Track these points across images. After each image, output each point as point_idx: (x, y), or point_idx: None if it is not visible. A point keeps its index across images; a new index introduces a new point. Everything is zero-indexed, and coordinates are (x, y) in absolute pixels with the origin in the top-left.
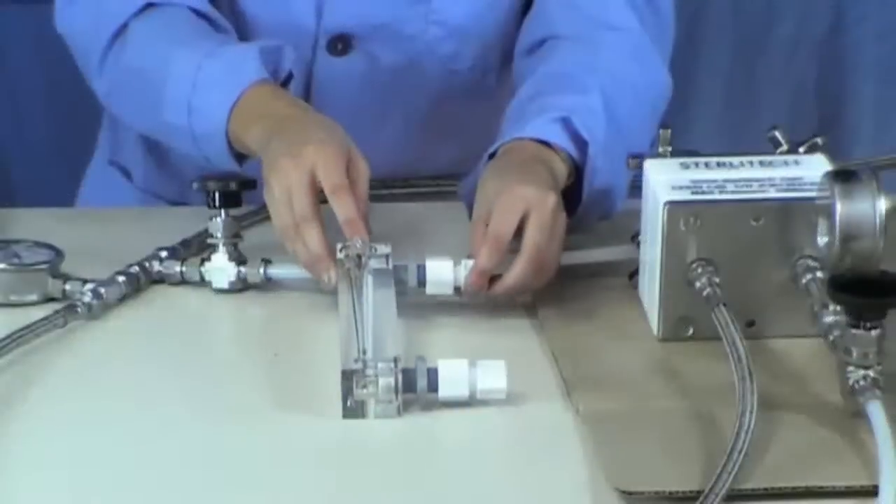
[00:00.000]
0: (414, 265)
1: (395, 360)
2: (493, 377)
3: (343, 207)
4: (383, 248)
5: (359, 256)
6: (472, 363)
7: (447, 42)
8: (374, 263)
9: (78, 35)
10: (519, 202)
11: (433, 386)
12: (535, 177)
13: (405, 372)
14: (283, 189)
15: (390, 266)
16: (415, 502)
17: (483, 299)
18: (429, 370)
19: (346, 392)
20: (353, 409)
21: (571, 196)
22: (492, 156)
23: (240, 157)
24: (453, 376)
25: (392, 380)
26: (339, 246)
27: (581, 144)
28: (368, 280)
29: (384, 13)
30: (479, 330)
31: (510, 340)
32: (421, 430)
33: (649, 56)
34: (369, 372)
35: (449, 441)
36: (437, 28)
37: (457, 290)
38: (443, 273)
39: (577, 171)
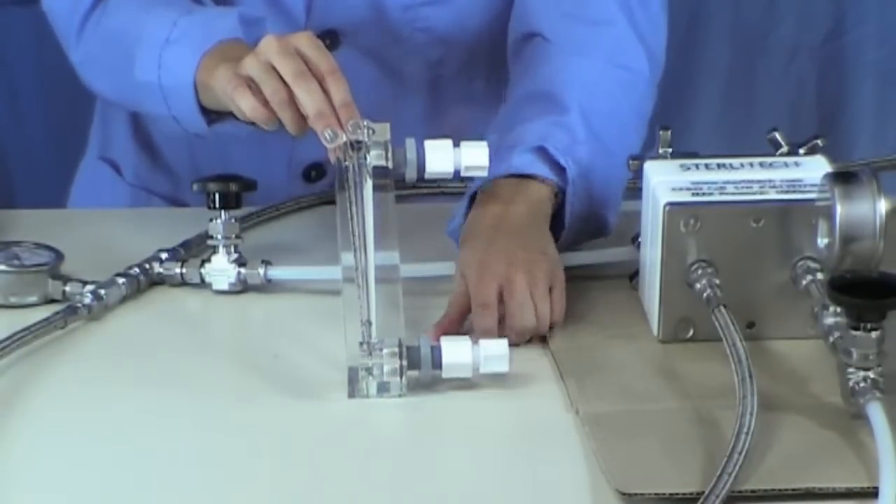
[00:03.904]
0: (413, 150)
1: (400, 343)
2: (495, 353)
3: (341, 90)
4: (381, 129)
5: (359, 142)
6: (474, 341)
7: (433, 48)
8: (372, 157)
9: (59, 9)
10: (491, 281)
11: (437, 363)
12: (504, 246)
13: (409, 350)
14: (263, 59)
15: (390, 155)
16: (415, 490)
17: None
18: (432, 348)
19: (352, 378)
20: (358, 391)
21: (561, 214)
22: (472, 196)
23: (209, 117)
24: (456, 353)
25: (396, 364)
26: (328, 132)
27: (561, 169)
28: (368, 184)
29: (370, 9)
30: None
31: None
32: (422, 418)
33: (630, 50)
34: (373, 360)
35: (448, 448)
36: (423, 35)
37: (456, 174)
38: (444, 153)
39: (563, 190)
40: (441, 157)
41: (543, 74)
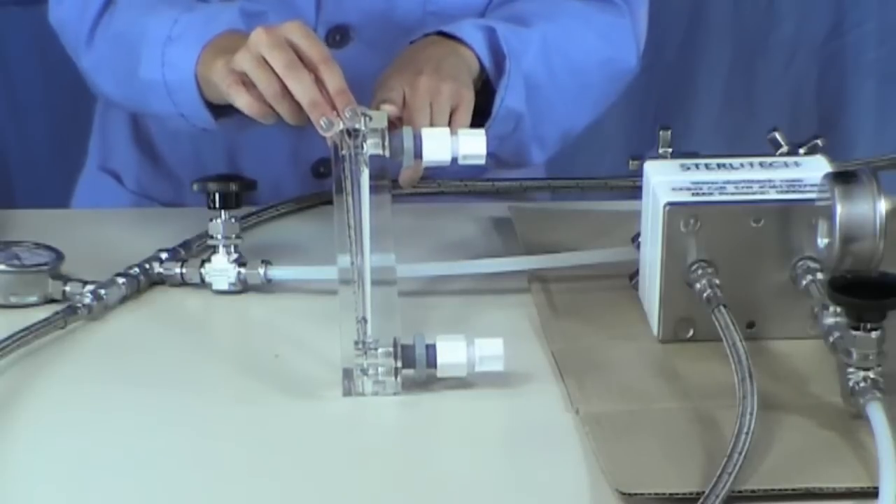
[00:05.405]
0: (410, 138)
1: (395, 341)
2: (490, 353)
3: (335, 78)
4: (377, 116)
5: (356, 130)
6: (469, 340)
7: None
8: (369, 146)
9: (68, 17)
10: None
11: (432, 362)
12: (419, 60)
13: (404, 349)
14: (254, 53)
15: (387, 143)
16: (411, 489)
17: None
18: (427, 346)
19: (346, 376)
20: (353, 389)
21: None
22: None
23: (215, 111)
24: (451, 352)
25: (392, 363)
26: (323, 120)
27: (500, 59)
28: (364, 173)
29: (382, 3)
30: (476, 330)
31: (509, 342)
32: (418, 416)
33: (617, 33)
34: (368, 360)
35: (445, 448)
36: (434, 18)
37: (453, 161)
38: (441, 141)
39: (488, 87)
40: (438, 146)
41: (520, 6)
